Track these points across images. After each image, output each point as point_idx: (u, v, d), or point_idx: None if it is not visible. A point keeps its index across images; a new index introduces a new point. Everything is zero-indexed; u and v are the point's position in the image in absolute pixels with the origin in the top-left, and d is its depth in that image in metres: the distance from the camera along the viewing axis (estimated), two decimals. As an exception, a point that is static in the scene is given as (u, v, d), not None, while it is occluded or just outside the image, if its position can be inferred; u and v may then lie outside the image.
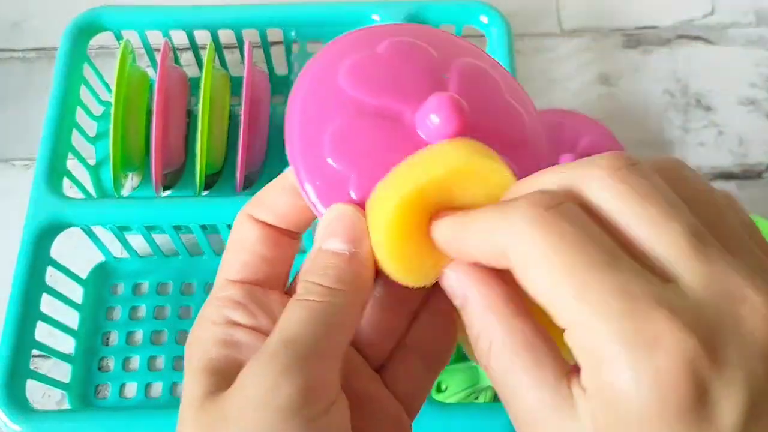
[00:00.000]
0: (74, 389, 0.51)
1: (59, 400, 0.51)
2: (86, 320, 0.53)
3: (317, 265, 0.22)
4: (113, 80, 0.51)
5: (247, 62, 0.53)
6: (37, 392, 0.50)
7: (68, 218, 0.48)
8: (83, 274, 0.54)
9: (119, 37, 0.55)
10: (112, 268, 0.55)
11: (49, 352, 0.47)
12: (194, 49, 0.57)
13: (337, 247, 0.22)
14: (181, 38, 0.57)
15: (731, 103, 0.63)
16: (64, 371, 0.51)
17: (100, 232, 0.51)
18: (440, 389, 0.48)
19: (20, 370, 0.43)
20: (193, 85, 0.57)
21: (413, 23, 0.27)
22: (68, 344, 0.52)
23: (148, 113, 0.54)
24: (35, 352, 0.45)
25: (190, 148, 0.56)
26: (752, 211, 0.50)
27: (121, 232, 0.51)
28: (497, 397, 0.26)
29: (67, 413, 0.47)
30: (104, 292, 0.55)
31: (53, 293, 0.48)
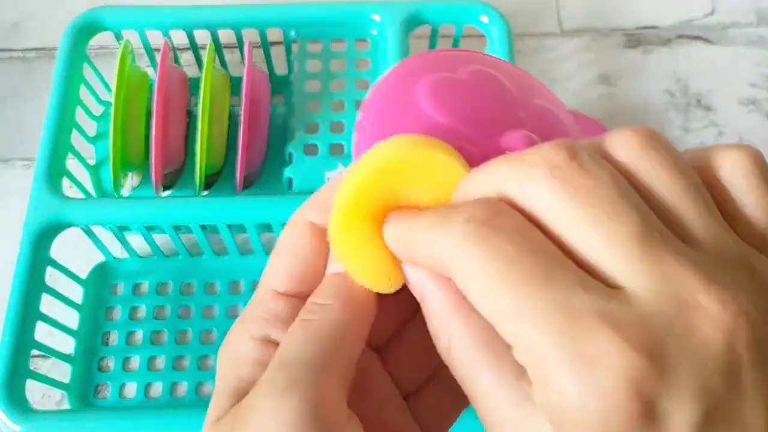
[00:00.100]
0: (74, 389, 0.51)
1: (59, 400, 0.51)
2: (86, 320, 0.53)
3: (319, 287, 0.22)
4: (113, 80, 0.51)
5: (247, 62, 0.53)
6: (36, 392, 0.50)
7: (68, 218, 0.48)
8: (83, 274, 0.54)
9: (119, 37, 0.55)
10: (111, 268, 0.55)
11: (48, 352, 0.47)
12: (194, 49, 0.57)
13: (336, 268, 0.22)
14: (181, 38, 0.56)
15: (731, 103, 0.63)
16: (63, 371, 0.51)
17: (99, 232, 0.51)
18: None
19: (20, 370, 0.43)
20: (193, 85, 0.57)
21: (489, 54, 0.27)
22: (68, 344, 0.52)
23: (148, 113, 0.54)
24: (35, 352, 0.45)
25: (190, 148, 0.56)
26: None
27: (120, 232, 0.51)
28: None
29: (66, 413, 0.47)
30: (104, 292, 0.55)
31: (53, 293, 0.48)
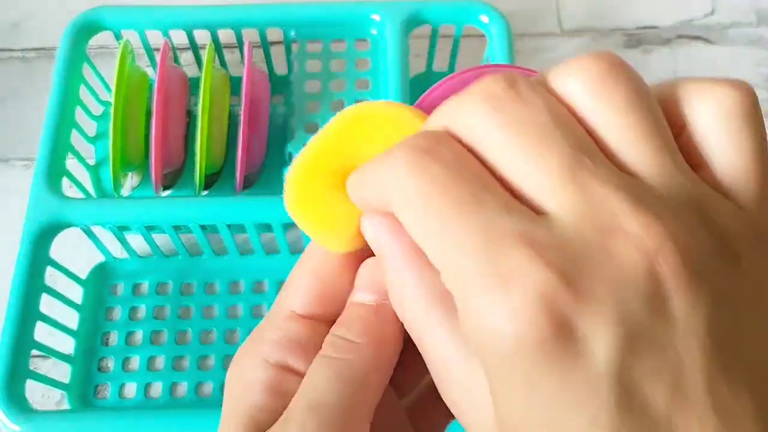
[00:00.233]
0: (74, 389, 0.51)
1: (59, 400, 0.51)
2: (86, 320, 0.53)
3: (345, 317, 0.21)
4: (113, 80, 0.51)
5: (246, 62, 0.53)
6: (36, 392, 0.50)
7: (68, 218, 0.47)
8: (83, 274, 0.54)
9: (119, 36, 0.55)
10: (111, 268, 0.55)
11: (48, 352, 0.47)
12: (194, 48, 0.57)
13: (365, 298, 0.21)
14: (180, 38, 0.56)
15: (731, 103, 0.63)
16: (63, 371, 0.51)
17: (99, 232, 0.51)
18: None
19: (20, 370, 0.43)
20: (192, 84, 0.57)
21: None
22: (68, 344, 0.52)
23: (147, 113, 0.54)
24: (35, 352, 0.45)
25: (189, 147, 0.56)
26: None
27: (120, 232, 0.51)
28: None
29: (66, 413, 0.47)
30: (104, 292, 0.55)
31: (53, 293, 0.48)
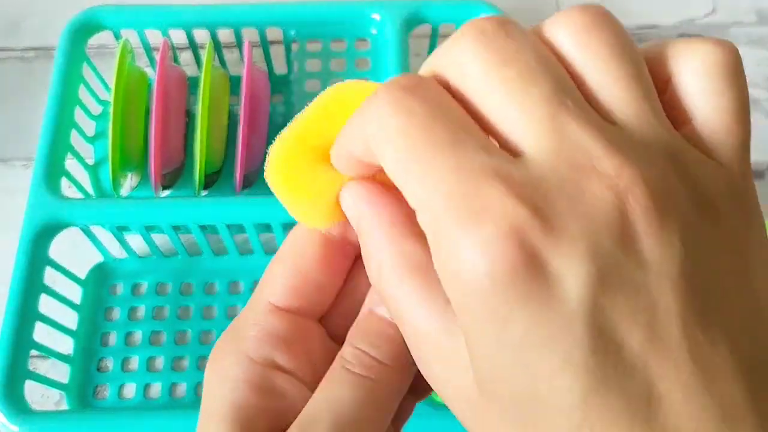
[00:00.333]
0: (73, 390, 0.51)
1: (58, 400, 0.51)
2: (85, 321, 0.53)
3: (369, 331, 0.21)
4: (112, 80, 0.51)
5: (246, 61, 0.52)
6: (35, 393, 0.50)
7: (67, 218, 0.47)
8: (82, 274, 0.54)
9: (118, 36, 0.55)
10: (110, 268, 0.55)
11: (47, 352, 0.47)
12: (193, 48, 0.57)
13: (385, 312, 0.21)
14: (180, 37, 0.56)
15: (732, 102, 0.63)
16: (62, 372, 0.51)
17: (98, 232, 0.51)
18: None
19: (18, 370, 0.43)
20: (192, 84, 0.57)
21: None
22: (67, 345, 0.51)
23: (146, 113, 0.54)
24: (34, 352, 0.45)
25: (189, 147, 0.55)
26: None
27: (119, 232, 0.51)
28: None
29: (65, 414, 0.47)
30: (103, 292, 0.55)
31: (52, 293, 0.48)
